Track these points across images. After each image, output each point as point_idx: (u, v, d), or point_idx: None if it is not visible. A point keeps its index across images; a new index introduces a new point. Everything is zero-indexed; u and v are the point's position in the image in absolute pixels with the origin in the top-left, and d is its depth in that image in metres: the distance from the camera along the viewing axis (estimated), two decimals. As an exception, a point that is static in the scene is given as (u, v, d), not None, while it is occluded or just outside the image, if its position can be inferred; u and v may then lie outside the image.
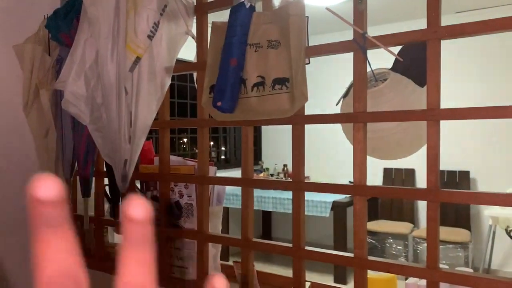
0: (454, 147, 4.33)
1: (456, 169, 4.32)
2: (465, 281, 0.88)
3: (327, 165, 4.84)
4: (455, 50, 4.13)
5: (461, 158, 4.29)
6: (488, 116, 0.89)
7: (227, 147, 5.51)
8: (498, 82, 4.07)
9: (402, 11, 4.08)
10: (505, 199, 0.85)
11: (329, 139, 3.98)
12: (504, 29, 0.85)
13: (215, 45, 1.17)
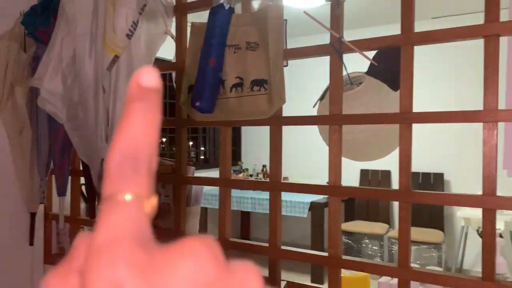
0: (429, 149, 4.44)
1: (430, 171, 4.43)
2: (434, 280, 0.91)
3: (306, 165, 4.89)
4: (434, 53, 4.23)
5: (436, 160, 4.40)
6: (458, 120, 0.92)
7: (206, 147, 5.50)
8: (476, 86, 4.18)
9: (379, 16, 4.16)
10: (472, 201, 0.89)
11: (309, 140, 4.01)
12: (471, 36, 0.89)
13: (194, 46, 1.18)
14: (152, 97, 0.21)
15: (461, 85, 4.25)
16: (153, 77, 0.21)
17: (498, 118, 0.85)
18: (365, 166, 4.71)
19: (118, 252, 0.18)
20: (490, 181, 0.86)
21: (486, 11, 0.87)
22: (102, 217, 0.19)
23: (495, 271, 0.87)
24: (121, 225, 0.19)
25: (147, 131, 0.20)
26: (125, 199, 0.19)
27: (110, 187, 0.20)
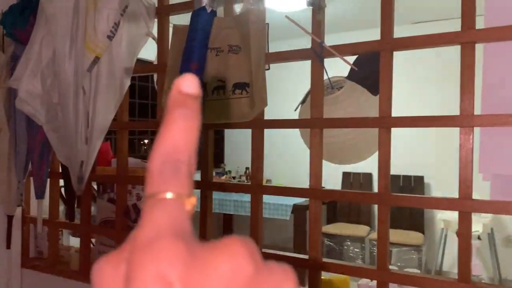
0: (410, 152, 4.50)
1: (411, 174, 4.49)
2: (412, 281, 0.93)
3: (290, 168, 4.91)
4: (419, 57, 4.30)
5: (416, 163, 4.46)
6: (436, 124, 0.94)
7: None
8: (456, 91, 4.26)
9: (361, 20, 4.20)
10: (448, 204, 0.90)
11: (292, 142, 4.03)
12: (448, 43, 0.91)
13: (176, 48, 1.18)
14: (192, 104, 0.22)
15: (445, 89, 4.32)
16: (193, 84, 0.22)
17: (474, 123, 0.87)
18: (347, 169, 4.75)
19: (162, 247, 0.19)
20: (466, 185, 0.88)
21: (463, 18, 0.89)
22: (145, 214, 0.20)
23: (470, 273, 0.89)
24: (163, 221, 0.20)
25: (187, 136, 0.21)
26: (167, 197, 0.20)
27: (152, 187, 0.21)
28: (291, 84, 4.18)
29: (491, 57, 0.91)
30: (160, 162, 0.21)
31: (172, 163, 0.21)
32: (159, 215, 0.20)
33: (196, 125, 0.22)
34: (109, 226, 1.40)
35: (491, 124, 0.86)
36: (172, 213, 0.20)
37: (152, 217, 0.20)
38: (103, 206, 1.43)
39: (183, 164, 0.21)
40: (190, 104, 0.22)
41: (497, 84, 0.90)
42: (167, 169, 0.21)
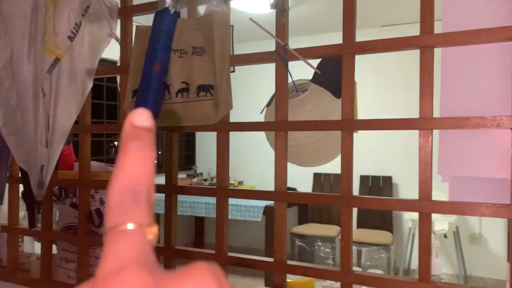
0: (378, 154, 4.58)
1: (380, 175, 4.57)
2: (374, 282, 0.94)
3: (262, 169, 4.91)
4: (386, 61, 4.38)
5: (385, 164, 4.55)
6: (396, 127, 0.95)
7: (159, 152, 5.40)
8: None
9: (326, 23, 4.25)
10: (409, 205, 0.92)
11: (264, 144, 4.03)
12: (408, 47, 0.92)
13: (139, 49, 1.15)
14: (146, 136, 0.22)
15: (412, 92, 4.42)
16: (145, 117, 0.23)
17: (433, 126, 0.89)
18: (318, 170, 4.79)
19: (126, 278, 0.19)
20: (426, 186, 0.90)
21: (422, 23, 0.91)
22: (107, 247, 0.20)
23: (430, 273, 0.90)
24: (126, 252, 0.20)
25: (144, 167, 0.22)
26: (128, 228, 0.21)
27: (112, 219, 0.21)
28: (258, 87, 4.19)
29: (449, 61, 0.93)
30: (119, 194, 0.21)
31: (131, 194, 0.21)
32: (121, 246, 0.20)
33: (151, 156, 0.22)
34: (71, 231, 1.36)
35: (449, 127, 0.88)
36: (134, 243, 0.20)
37: (114, 249, 0.20)
38: (65, 211, 1.39)
39: (142, 194, 0.21)
40: (144, 136, 0.22)
41: (454, 87, 0.92)
42: (126, 200, 0.21)
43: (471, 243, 4.35)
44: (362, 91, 5.09)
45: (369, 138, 4.51)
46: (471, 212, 0.87)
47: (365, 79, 4.56)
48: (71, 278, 1.35)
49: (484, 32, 0.85)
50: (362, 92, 5.06)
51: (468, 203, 0.87)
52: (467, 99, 0.93)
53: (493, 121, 0.85)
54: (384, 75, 4.57)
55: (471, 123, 0.86)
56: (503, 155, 0.87)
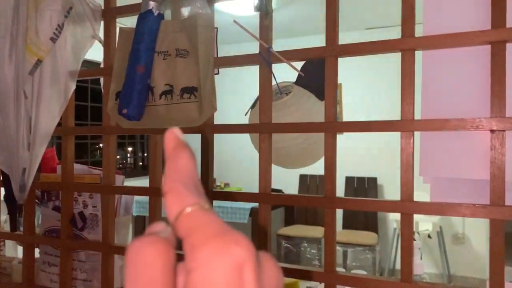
0: (364, 155, 4.62)
1: (365, 176, 4.61)
2: (357, 283, 0.95)
3: (248, 171, 4.91)
4: (371, 63, 4.42)
5: (370, 165, 4.59)
6: (378, 129, 0.96)
7: (144, 153, 5.36)
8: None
9: (309, 26, 4.28)
10: (391, 206, 0.93)
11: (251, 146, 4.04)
12: (389, 50, 0.94)
13: (122, 51, 1.15)
14: (186, 145, 0.28)
15: (395, 93, 4.47)
16: (181, 133, 0.28)
17: (414, 128, 0.90)
18: (304, 172, 4.82)
19: (235, 238, 0.24)
20: (408, 187, 0.91)
21: (403, 26, 0.92)
22: (187, 227, 0.24)
23: (412, 273, 0.92)
24: (210, 225, 0.24)
25: (194, 164, 0.27)
26: (196, 209, 0.25)
27: (177, 205, 0.25)
28: (243, 89, 4.19)
29: (429, 64, 0.94)
30: (179, 184, 0.25)
31: (191, 183, 0.26)
32: (201, 223, 0.24)
33: (194, 158, 0.27)
34: (54, 235, 1.35)
35: (429, 129, 0.90)
36: (211, 217, 0.25)
37: (197, 225, 0.24)
38: (47, 214, 1.37)
39: (197, 183, 0.26)
40: (186, 144, 0.28)
41: (435, 90, 0.94)
42: (186, 188, 0.25)
43: (454, 243, 4.41)
44: (348, 93, 5.16)
45: (355, 140, 4.55)
46: (452, 213, 0.88)
47: (351, 81, 4.60)
48: (54, 282, 1.33)
49: (463, 36, 0.87)
50: (348, 93, 5.13)
51: (449, 203, 0.88)
52: (448, 101, 0.94)
53: (472, 123, 0.86)
54: (369, 77, 4.61)
55: (451, 125, 0.87)
56: (482, 156, 0.89)
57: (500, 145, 0.85)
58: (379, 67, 4.34)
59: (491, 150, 0.86)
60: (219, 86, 1.13)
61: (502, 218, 0.84)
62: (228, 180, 5.21)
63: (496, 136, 0.85)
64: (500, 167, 0.85)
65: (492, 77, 0.85)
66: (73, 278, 1.31)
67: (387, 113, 3.69)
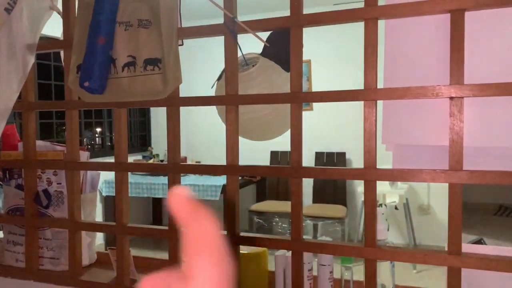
0: (332, 131, 4.69)
1: (334, 151, 4.69)
2: (323, 249, 0.97)
3: (221, 150, 4.91)
4: (339, 38, 4.43)
5: (338, 140, 4.67)
6: (342, 98, 0.97)
7: (112, 133, 5.26)
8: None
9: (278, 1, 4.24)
10: (354, 174, 0.95)
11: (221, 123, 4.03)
12: (353, 19, 0.94)
13: (82, 22, 1.11)
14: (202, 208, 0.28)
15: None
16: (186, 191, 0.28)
17: (376, 97, 0.92)
18: (275, 148, 4.85)
19: None
20: (371, 155, 0.93)
21: (366, -5, 0.93)
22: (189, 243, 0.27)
23: (376, 238, 0.94)
24: None
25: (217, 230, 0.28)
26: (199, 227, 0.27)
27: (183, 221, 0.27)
28: (210, 61, 4.15)
29: (392, 34, 0.95)
30: (184, 207, 0.27)
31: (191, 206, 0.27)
32: None
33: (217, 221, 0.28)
34: (18, 214, 1.31)
35: (391, 97, 0.91)
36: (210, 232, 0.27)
37: None
38: (10, 193, 1.34)
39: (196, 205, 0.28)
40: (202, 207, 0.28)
41: (397, 59, 0.95)
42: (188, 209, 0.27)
43: (420, 214, 4.58)
44: (317, 69, 5.16)
45: (324, 116, 4.60)
46: (413, 178, 0.91)
47: (320, 57, 4.62)
48: (20, 262, 1.31)
49: (423, 4, 0.88)
50: (317, 69, 5.14)
51: (410, 170, 0.91)
52: (410, 70, 0.96)
53: (432, 91, 0.88)
54: (338, 52, 4.64)
55: (412, 93, 0.89)
56: (442, 123, 0.92)
57: (459, 111, 0.88)
58: (348, 43, 4.36)
59: (450, 117, 0.88)
60: (188, 60, 1.12)
61: (460, 182, 0.87)
62: (200, 159, 5.19)
63: (455, 103, 0.88)
64: (459, 133, 0.88)
65: (452, 45, 0.87)
66: (40, 256, 1.29)
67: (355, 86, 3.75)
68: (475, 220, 2.76)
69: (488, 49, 0.91)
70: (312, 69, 4.70)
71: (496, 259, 0.86)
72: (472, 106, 0.90)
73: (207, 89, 1.37)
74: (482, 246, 0.97)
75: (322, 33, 3.83)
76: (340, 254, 0.98)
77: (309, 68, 4.69)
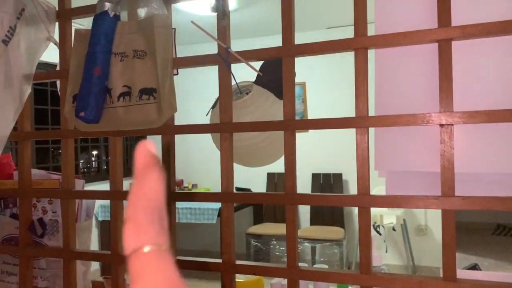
0: (329, 152, 4.71)
1: (330, 172, 4.70)
2: (318, 277, 0.97)
3: (217, 172, 4.91)
4: (333, 63, 4.49)
5: (335, 162, 4.68)
6: (335, 126, 0.99)
7: (108, 157, 5.26)
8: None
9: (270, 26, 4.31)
10: (349, 200, 0.96)
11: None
12: (343, 49, 0.96)
13: (79, 53, 1.13)
14: (158, 161, 0.26)
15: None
16: (154, 147, 0.27)
17: (368, 124, 0.93)
18: (271, 170, 4.85)
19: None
20: (364, 181, 0.94)
21: (355, 26, 0.95)
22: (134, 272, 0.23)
23: (371, 264, 0.95)
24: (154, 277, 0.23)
25: (161, 187, 0.26)
26: (149, 250, 0.24)
27: (132, 241, 0.24)
28: (205, 90, 4.19)
29: (381, 62, 0.98)
30: (139, 211, 0.25)
31: (149, 212, 0.25)
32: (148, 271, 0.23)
33: (164, 178, 0.27)
34: (12, 243, 1.31)
35: (383, 124, 0.93)
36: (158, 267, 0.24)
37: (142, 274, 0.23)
38: (5, 222, 1.33)
39: (159, 211, 0.26)
40: (157, 162, 0.26)
41: (387, 87, 0.97)
42: (144, 218, 0.25)
43: (417, 234, 4.56)
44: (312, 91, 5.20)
45: (321, 137, 4.63)
46: (406, 204, 0.92)
47: (315, 80, 4.67)
48: (14, 292, 1.29)
49: (412, 35, 0.90)
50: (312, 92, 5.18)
51: (403, 196, 0.92)
52: (400, 98, 0.98)
53: (423, 118, 0.90)
54: (332, 75, 4.69)
55: (403, 120, 0.91)
56: (433, 150, 0.93)
57: (449, 138, 0.89)
58: (341, 66, 4.42)
59: (440, 144, 0.90)
60: (182, 88, 1.13)
61: (453, 208, 0.88)
62: (197, 182, 5.18)
63: (445, 130, 0.89)
64: (450, 159, 0.89)
65: (440, 74, 0.89)
66: (34, 286, 1.28)
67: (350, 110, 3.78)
68: (473, 240, 2.75)
69: (477, 76, 0.93)
70: (307, 91, 4.75)
71: (491, 285, 0.86)
72: (463, 132, 0.91)
73: (202, 116, 1.39)
74: (476, 272, 0.97)
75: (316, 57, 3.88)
76: (335, 282, 0.98)
77: (304, 91, 4.73)
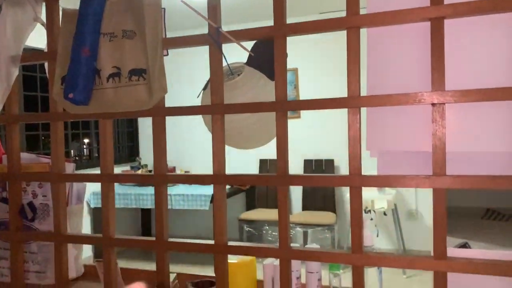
0: (320, 138, 4.71)
1: (322, 158, 4.71)
2: (311, 256, 0.98)
3: (209, 158, 4.90)
4: (326, 47, 4.47)
5: (327, 148, 4.69)
6: (327, 106, 0.98)
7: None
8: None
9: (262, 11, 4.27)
10: (341, 180, 0.96)
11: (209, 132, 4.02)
12: (336, 28, 0.95)
13: (67, 34, 1.11)
14: None
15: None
16: None
17: (360, 104, 0.93)
18: (263, 156, 4.86)
19: None
20: (356, 161, 0.94)
21: (348, 5, 0.94)
22: None
23: (362, 244, 0.95)
24: None
25: None
26: None
27: None
28: (196, 71, 4.15)
29: (374, 41, 0.97)
30: None
31: None
32: None
33: None
34: (3, 227, 1.30)
35: (374, 104, 0.93)
36: None
37: None
38: (-6, 207, 1.32)
39: None
40: None
41: (379, 66, 0.97)
42: None
43: (408, 219, 4.61)
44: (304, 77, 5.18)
45: (313, 124, 4.63)
46: (397, 184, 0.92)
47: (307, 65, 4.66)
48: (5, 276, 1.29)
49: (404, 13, 0.90)
50: (304, 77, 5.16)
51: (394, 175, 0.92)
52: (392, 78, 0.97)
53: (414, 97, 0.90)
54: (324, 61, 4.67)
55: (394, 100, 0.91)
56: (425, 129, 0.93)
57: (441, 117, 0.89)
58: (333, 52, 4.40)
59: (432, 123, 0.90)
60: (172, 70, 1.12)
61: (443, 187, 0.88)
62: (189, 168, 5.17)
63: (437, 109, 0.89)
64: (441, 138, 0.89)
65: (432, 52, 0.89)
66: (25, 270, 1.27)
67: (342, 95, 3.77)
68: (462, 224, 2.78)
69: (468, 55, 0.93)
70: (299, 77, 4.73)
71: (481, 262, 0.87)
72: (455, 112, 0.91)
73: (193, 97, 1.37)
74: (467, 250, 0.98)
75: (309, 42, 3.87)
76: (327, 261, 0.98)
77: (296, 76, 4.71)
